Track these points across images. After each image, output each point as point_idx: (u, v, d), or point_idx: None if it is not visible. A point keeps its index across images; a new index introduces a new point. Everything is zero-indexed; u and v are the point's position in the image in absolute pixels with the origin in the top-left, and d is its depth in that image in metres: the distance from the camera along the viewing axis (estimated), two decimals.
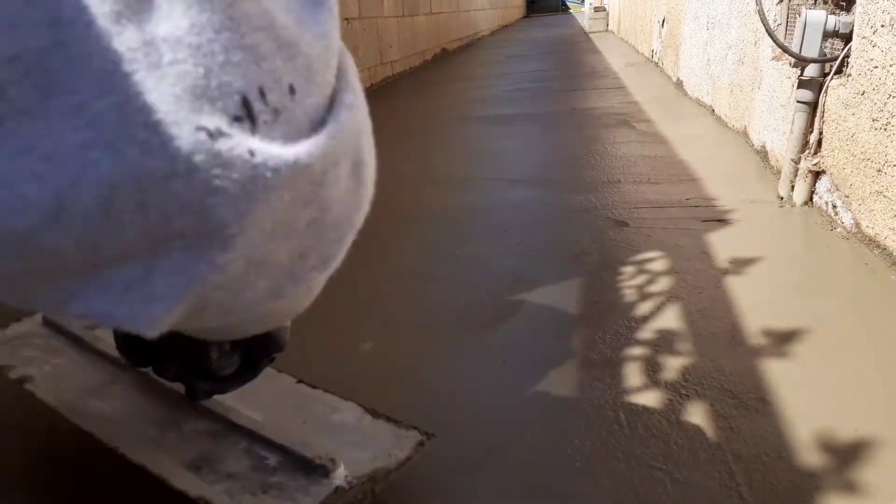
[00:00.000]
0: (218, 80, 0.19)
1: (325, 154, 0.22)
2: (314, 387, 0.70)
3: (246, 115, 0.20)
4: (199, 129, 0.19)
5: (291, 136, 0.21)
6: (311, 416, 0.65)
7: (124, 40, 0.18)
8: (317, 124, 0.22)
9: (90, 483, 0.67)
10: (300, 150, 0.21)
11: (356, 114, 0.24)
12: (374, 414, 0.65)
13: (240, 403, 0.63)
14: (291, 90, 0.21)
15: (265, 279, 0.23)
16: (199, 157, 0.19)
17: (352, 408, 0.66)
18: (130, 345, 0.50)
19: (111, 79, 0.17)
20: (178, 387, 0.62)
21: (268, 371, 0.58)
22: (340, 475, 0.56)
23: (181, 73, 0.18)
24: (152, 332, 0.21)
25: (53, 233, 0.18)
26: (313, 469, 0.56)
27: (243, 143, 0.19)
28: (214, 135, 0.19)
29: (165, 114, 0.18)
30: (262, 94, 0.20)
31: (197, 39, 0.19)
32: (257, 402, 0.64)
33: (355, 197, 0.26)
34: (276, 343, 0.49)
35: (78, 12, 0.17)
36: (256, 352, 0.50)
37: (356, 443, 0.61)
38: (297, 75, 0.21)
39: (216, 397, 0.59)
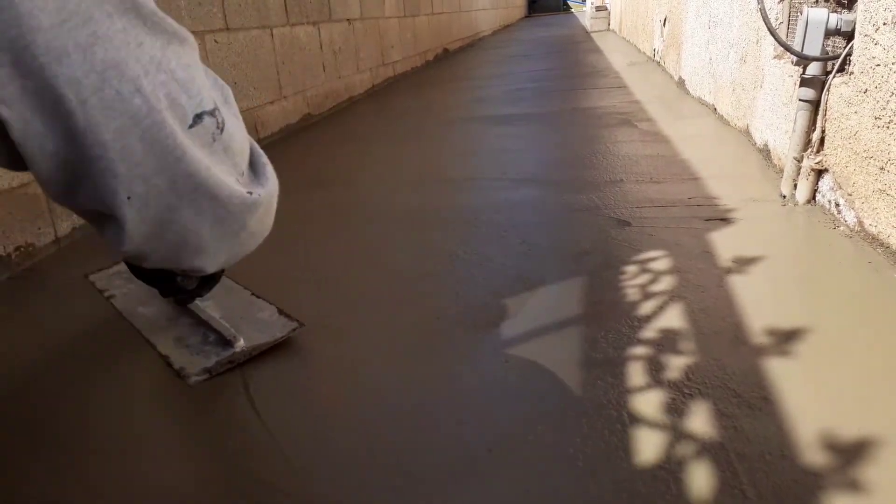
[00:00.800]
0: (242, 171, 0.64)
1: (270, 194, 0.67)
2: (258, 296, 1.07)
3: (251, 182, 0.65)
4: (249, 192, 0.63)
5: (258, 186, 0.64)
6: (246, 313, 1.02)
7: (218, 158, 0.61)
8: (260, 182, 0.67)
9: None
10: (263, 192, 0.64)
11: (273, 177, 0.69)
12: (282, 313, 1.00)
13: (210, 307, 1.02)
14: (250, 167, 0.68)
15: (255, 237, 0.68)
16: (250, 201, 0.63)
17: (271, 309, 1.02)
18: (143, 278, 0.92)
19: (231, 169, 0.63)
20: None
21: (234, 287, 1.10)
22: (240, 345, 0.91)
23: (234, 171, 0.62)
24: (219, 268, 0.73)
25: (215, 228, 0.63)
26: (227, 342, 0.92)
27: (254, 191, 0.64)
28: (250, 192, 0.63)
29: (239, 191, 0.62)
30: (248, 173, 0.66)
31: (239, 157, 0.64)
32: (221, 305, 1.04)
33: (269, 218, 0.71)
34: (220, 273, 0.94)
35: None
36: (209, 275, 0.88)
37: (261, 329, 0.96)
38: (246, 164, 0.67)
39: (200, 304, 1.01)
